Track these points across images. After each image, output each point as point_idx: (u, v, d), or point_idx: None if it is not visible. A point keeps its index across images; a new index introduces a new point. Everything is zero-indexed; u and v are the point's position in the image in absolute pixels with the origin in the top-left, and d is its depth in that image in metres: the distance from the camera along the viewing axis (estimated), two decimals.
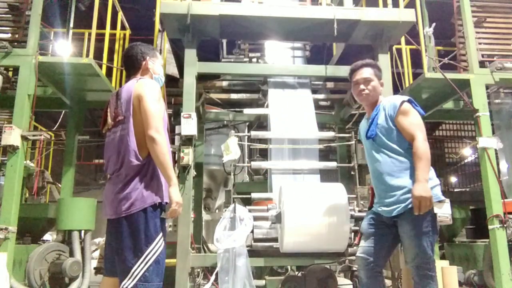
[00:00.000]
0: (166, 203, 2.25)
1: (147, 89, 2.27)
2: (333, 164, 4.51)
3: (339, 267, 4.45)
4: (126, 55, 2.52)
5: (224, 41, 6.20)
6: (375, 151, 2.61)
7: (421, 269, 2.41)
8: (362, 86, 2.69)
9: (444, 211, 2.39)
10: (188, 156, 3.98)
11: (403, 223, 2.46)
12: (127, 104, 2.28)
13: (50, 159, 8.46)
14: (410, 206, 2.41)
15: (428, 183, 2.37)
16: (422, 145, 2.40)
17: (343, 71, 4.80)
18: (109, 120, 2.39)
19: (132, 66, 2.48)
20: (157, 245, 2.18)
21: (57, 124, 7.29)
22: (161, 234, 2.21)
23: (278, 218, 3.44)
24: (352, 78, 2.77)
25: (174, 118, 5.31)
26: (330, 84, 5.69)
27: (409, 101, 2.56)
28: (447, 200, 2.43)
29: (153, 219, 2.19)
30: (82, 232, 4.75)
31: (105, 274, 2.35)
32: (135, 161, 2.21)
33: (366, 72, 2.71)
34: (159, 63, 2.55)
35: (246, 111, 5.56)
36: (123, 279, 2.12)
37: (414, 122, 2.50)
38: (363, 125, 2.82)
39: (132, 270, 2.11)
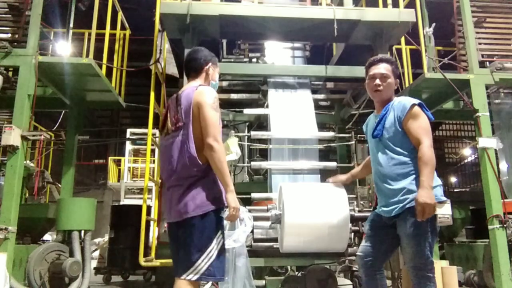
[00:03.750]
0: (227, 206, 2.38)
1: (207, 97, 2.37)
2: (333, 164, 4.50)
3: (339, 267, 4.44)
4: (190, 57, 2.61)
5: (224, 41, 6.20)
6: (379, 151, 2.59)
7: (419, 270, 2.40)
8: (378, 81, 2.62)
9: (444, 212, 2.38)
10: None
11: (402, 223, 2.45)
12: (187, 111, 2.37)
13: (50, 159, 8.46)
14: (408, 206, 2.40)
15: None
16: (428, 151, 2.38)
17: (343, 71, 4.81)
18: (169, 125, 2.49)
19: (194, 69, 2.57)
20: (219, 243, 2.32)
21: (57, 124, 7.29)
22: (220, 232, 2.34)
23: (278, 218, 3.44)
24: (369, 72, 2.69)
25: None
26: (330, 84, 5.69)
27: (419, 104, 2.52)
28: (448, 201, 2.42)
29: (215, 221, 2.33)
30: (82, 232, 4.76)
31: (175, 274, 2.47)
32: (195, 166, 2.32)
33: (384, 68, 2.64)
34: (218, 71, 2.67)
35: (246, 111, 5.56)
36: (186, 272, 2.25)
37: (422, 126, 2.47)
38: (371, 121, 2.78)
39: (196, 265, 2.24)
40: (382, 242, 2.61)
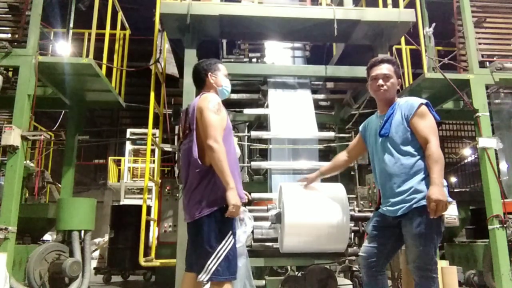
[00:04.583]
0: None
1: (206, 102, 2.54)
2: None
3: (339, 267, 4.44)
4: (193, 73, 2.85)
5: (224, 41, 6.20)
6: (385, 150, 2.57)
7: (423, 270, 2.39)
8: (381, 82, 2.63)
9: (451, 213, 2.39)
10: None
11: (407, 223, 2.44)
12: (192, 118, 2.58)
13: (50, 159, 8.46)
14: (415, 205, 2.40)
15: None
16: (437, 150, 2.39)
17: (343, 71, 4.80)
18: (181, 134, 2.72)
19: (199, 83, 2.82)
20: (227, 243, 2.44)
21: (57, 124, 7.29)
22: (230, 232, 2.47)
23: (278, 218, 3.44)
24: (371, 73, 2.70)
25: (174, 118, 5.31)
26: (330, 84, 5.69)
27: (426, 104, 2.54)
28: (454, 202, 2.43)
29: (222, 220, 2.44)
30: (82, 232, 4.76)
31: (185, 269, 2.66)
32: (198, 168, 2.48)
33: (386, 68, 2.65)
34: (222, 74, 2.80)
35: (246, 111, 5.56)
36: (199, 273, 2.42)
37: (429, 125, 2.48)
38: (374, 121, 2.77)
39: (206, 265, 2.39)
40: (386, 243, 2.60)
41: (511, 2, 5.27)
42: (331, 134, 4.88)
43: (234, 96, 5.64)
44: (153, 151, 8.90)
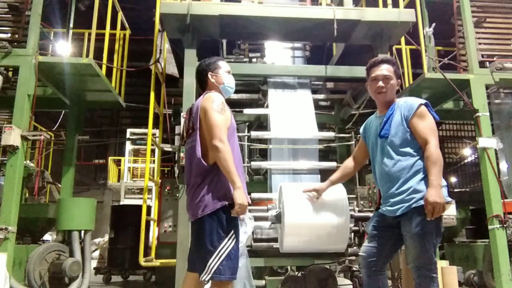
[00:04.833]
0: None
1: (210, 102, 2.53)
2: (333, 164, 4.50)
3: (339, 267, 4.44)
4: (195, 74, 2.86)
5: (224, 41, 6.20)
6: (384, 151, 2.57)
7: (422, 270, 2.40)
8: (381, 83, 2.62)
9: (449, 213, 2.39)
10: None
11: (407, 223, 2.45)
12: (196, 118, 2.57)
13: (50, 159, 8.46)
14: (414, 205, 2.40)
15: None
16: (436, 151, 2.39)
17: (343, 71, 4.81)
18: (184, 133, 2.73)
19: (201, 82, 2.81)
20: (229, 242, 2.42)
21: (57, 124, 7.29)
22: (232, 232, 2.45)
23: (278, 218, 3.44)
24: (370, 74, 2.68)
25: (174, 118, 5.31)
26: (330, 84, 5.69)
27: (426, 104, 2.54)
28: (453, 202, 2.43)
29: (224, 219, 2.43)
30: (82, 232, 4.76)
31: (187, 269, 2.63)
32: (201, 168, 2.48)
33: (386, 69, 2.63)
34: (223, 71, 2.76)
35: (246, 111, 5.56)
36: (201, 273, 2.41)
37: (428, 126, 2.48)
38: (373, 122, 2.77)
39: (208, 264, 2.37)
40: (386, 243, 2.60)
41: (511, 2, 5.28)
42: (331, 134, 4.88)
43: (234, 96, 5.64)
44: (153, 151, 8.91)
